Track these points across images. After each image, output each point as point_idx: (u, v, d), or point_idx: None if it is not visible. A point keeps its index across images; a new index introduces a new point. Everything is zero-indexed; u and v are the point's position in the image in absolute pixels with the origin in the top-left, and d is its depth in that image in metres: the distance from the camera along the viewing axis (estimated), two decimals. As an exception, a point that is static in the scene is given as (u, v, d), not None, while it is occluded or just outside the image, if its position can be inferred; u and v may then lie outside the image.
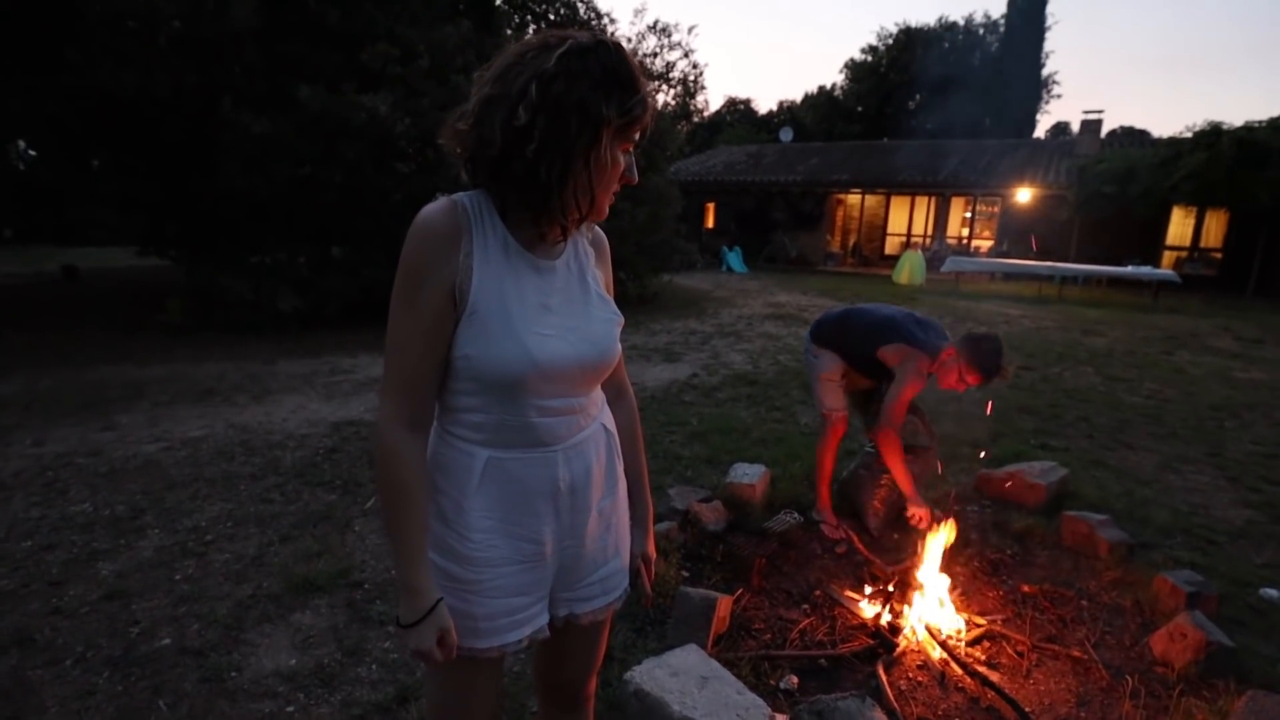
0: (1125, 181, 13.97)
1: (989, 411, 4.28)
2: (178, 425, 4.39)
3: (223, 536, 2.91)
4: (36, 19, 7.28)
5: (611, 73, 0.90)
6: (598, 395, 1.13)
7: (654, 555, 1.30)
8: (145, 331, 7.53)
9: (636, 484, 1.25)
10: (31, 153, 13.24)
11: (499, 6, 10.27)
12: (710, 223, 20.37)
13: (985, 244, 17.89)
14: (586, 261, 1.08)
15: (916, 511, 2.78)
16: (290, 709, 1.90)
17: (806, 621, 2.36)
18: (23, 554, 2.72)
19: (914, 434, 3.07)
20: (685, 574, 2.62)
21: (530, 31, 10.48)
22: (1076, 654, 2.22)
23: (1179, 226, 15.58)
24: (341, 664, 2.10)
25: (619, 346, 1.09)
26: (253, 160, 7.19)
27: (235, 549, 2.80)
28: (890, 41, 30.24)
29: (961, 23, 29.79)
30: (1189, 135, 14.09)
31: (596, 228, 1.12)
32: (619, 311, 1.10)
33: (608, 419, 1.16)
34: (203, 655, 2.12)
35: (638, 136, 0.97)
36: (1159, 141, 15.92)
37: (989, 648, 2.26)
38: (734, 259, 17.12)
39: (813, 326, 3.11)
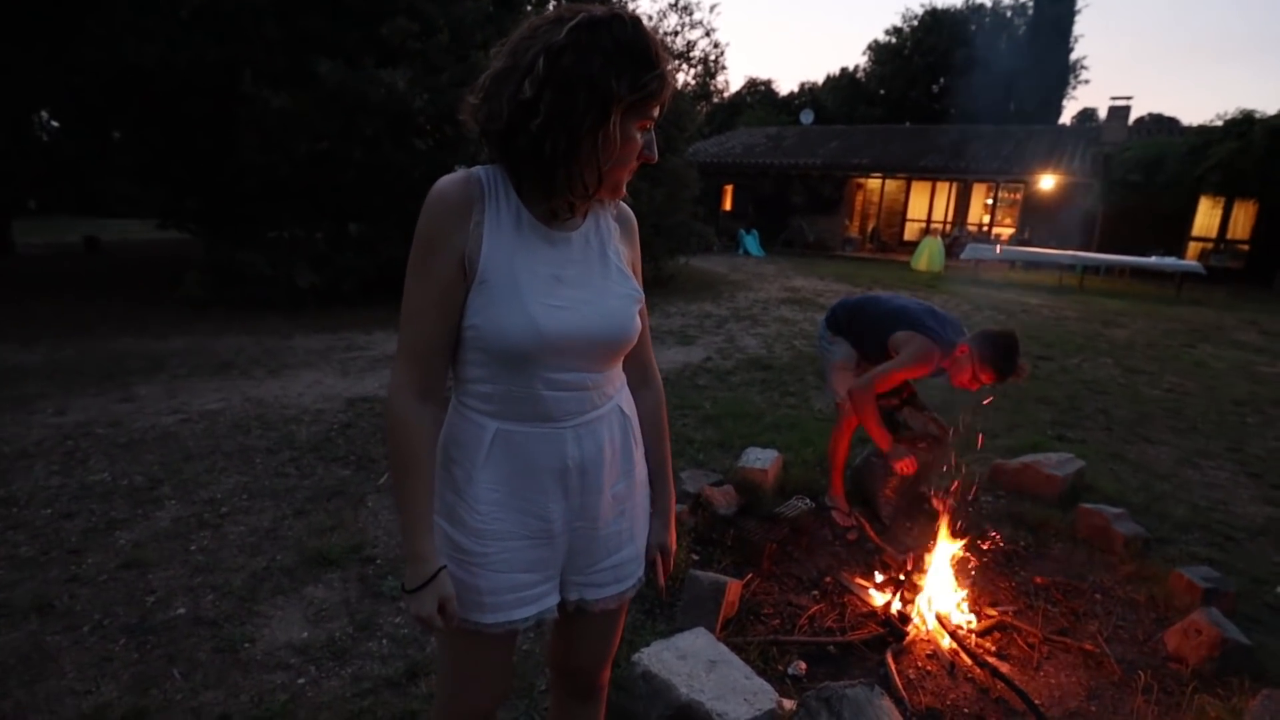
0: (1152, 170, 13.67)
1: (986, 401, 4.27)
2: (195, 398, 4.44)
3: (238, 509, 2.94)
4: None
5: (625, 47, 0.87)
6: (616, 375, 1.10)
7: (674, 547, 1.26)
8: (165, 304, 7.61)
9: (658, 472, 1.22)
10: (55, 124, 13.34)
11: (518, -18, 10.14)
12: (728, 205, 20.19)
13: (1007, 231, 17.61)
14: (609, 236, 1.06)
15: (898, 464, 2.76)
16: (301, 681, 1.93)
17: (816, 608, 2.36)
18: (43, 521, 2.77)
19: (924, 425, 3.03)
20: (695, 557, 2.62)
21: (550, 7, 10.36)
22: (1088, 647, 2.20)
23: (1206, 217, 15.25)
24: (353, 638, 2.12)
25: (638, 324, 1.06)
26: (272, 135, 7.19)
27: (250, 521, 2.84)
28: (915, 23, 29.62)
29: (989, 5, 29.11)
30: (1220, 124, 13.73)
31: (623, 204, 1.10)
32: (640, 289, 1.08)
33: (626, 401, 1.13)
34: (217, 626, 2.15)
35: (656, 114, 0.94)
36: (1188, 130, 15.53)
37: (1000, 639, 2.25)
38: (751, 242, 16.98)
39: (828, 313, 3.06)
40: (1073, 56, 28.24)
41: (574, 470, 1.04)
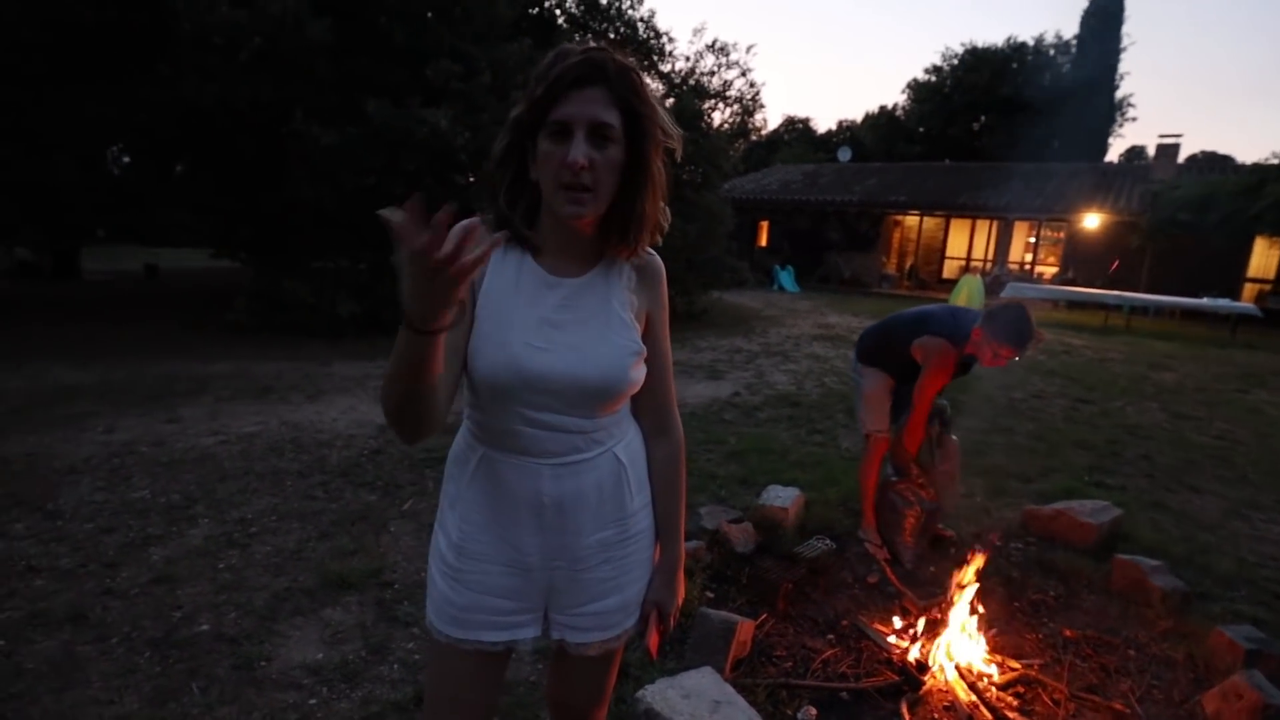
0: (1203, 209, 13.29)
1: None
2: (235, 420, 4.60)
3: (266, 530, 3.03)
4: (131, 35, 7.82)
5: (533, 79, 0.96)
6: (613, 424, 1.09)
7: (677, 604, 1.21)
8: (213, 329, 7.93)
9: (666, 526, 1.19)
10: (125, 159, 14.13)
11: (560, 25, 10.52)
12: (763, 241, 20.24)
13: (1050, 270, 17.26)
14: (619, 284, 1.06)
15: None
16: (312, 702, 1.96)
17: (831, 652, 2.31)
18: (84, 535, 2.88)
19: (928, 450, 2.99)
20: (710, 595, 2.60)
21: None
22: (1118, 707, 2.10)
23: (1262, 257, 14.70)
24: (366, 661, 2.15)
25: (632, 375, 1.05)
26: (320, 170, 7.52)
27: (276, 542, 2.91)
28: (955, 62, 29.63)
29: (1031, 43, 28.99)
30: (1276, 161, 13.34)
31: (651, 255, 1.10)
32: (640, 343, 1.07)
33: (627, 450, 1.11)
34: (236, 643, 2.21)
35: (563, 117, 0.92)
36: (1242, 168, 15.11)
37: (1023, 693, 2.17)
38: (786, 278, 16.97)
39: (857, 343, 3.10)
40: (1119, 94, 27.85)
41: (550, 507, 1.05)
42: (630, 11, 10.81)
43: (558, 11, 10.70)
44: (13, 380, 5.32)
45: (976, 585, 2.36)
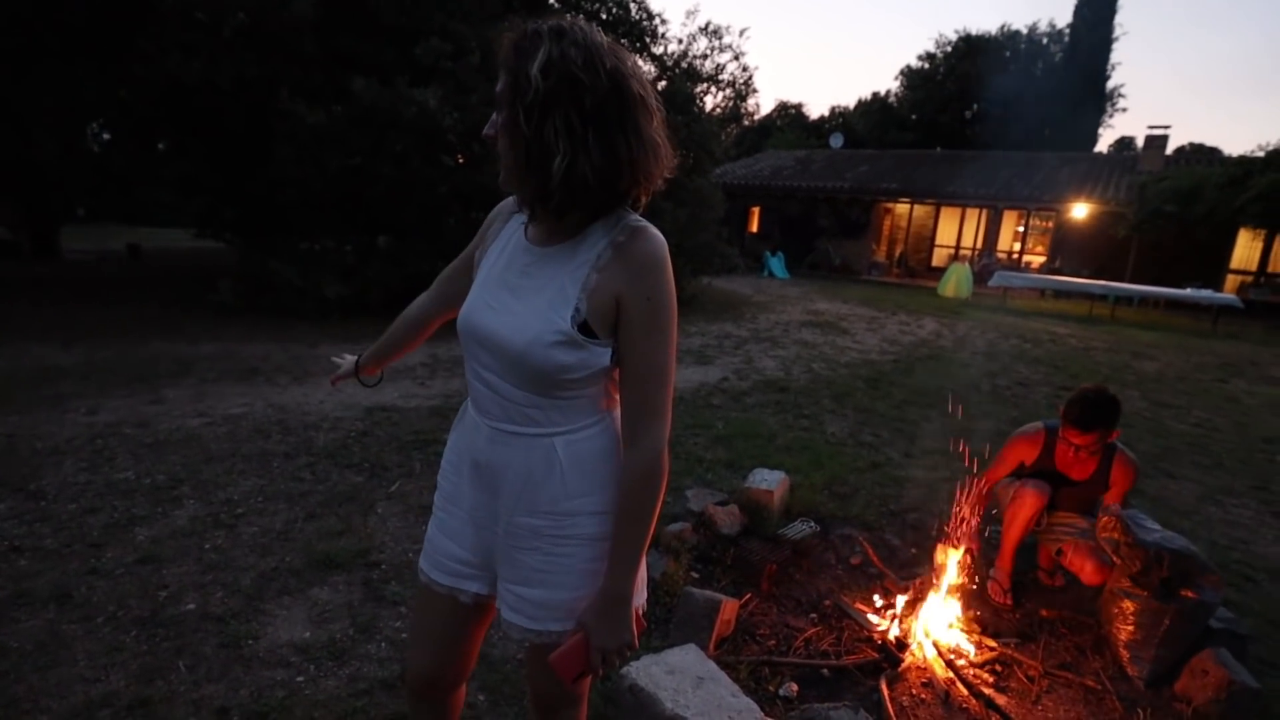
0: (1189, 200, 13.41)
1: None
2: (221, 401, 4.57)
3: (253, 510, 3.02)
4: (113, 10, 7.66)
5: None
6: (558, 410, 1.03)
7: (611, 651, 1.04)
8: (198, 310, 7.84)
9: (615, 551, 1.05)
10: (106, 136, 13.88)
11: (550, 4, 10.39)
12: (754, 227, 20.22)
13: (1038, 259, 17.38)
14: (583, 260, 0.99)
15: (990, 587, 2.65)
16: (300, 679, 1.97)
17: (813, 631, 2.35)
18: (68, 516, 2.87)
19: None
20: (695, 575, 2.63)
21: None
22: (1090, 684, 2.16)
23: (1245, 249, 14.87)
24: (353, 640, 2.17)
25: (554, 356, 0.98)
26: (306, 150, 7.42)
27: (263, 523, 2.91)
28: (949, 49, 29.58)
29: (1025, 31, 29.00)
30: (1261, 154, 13.46)
31: (638, 235, 0.99)
32: (568, 325, 0.98)
33: (570, 447, 1.05)
34: (224, 622, 2.21)
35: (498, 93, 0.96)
36: (1229, 160, 15.23)
37: (999, 671, 2.22)
38: (776, 264, 16.98)
39: None
40: (1110, 84, 27.96)
41: (484, 467, 1.11)
42: (622, -8, 10.67)
43: (548, -9, 10.57)
44: (-7, 360, 5.26)
45: (955, 571, 2.41)
